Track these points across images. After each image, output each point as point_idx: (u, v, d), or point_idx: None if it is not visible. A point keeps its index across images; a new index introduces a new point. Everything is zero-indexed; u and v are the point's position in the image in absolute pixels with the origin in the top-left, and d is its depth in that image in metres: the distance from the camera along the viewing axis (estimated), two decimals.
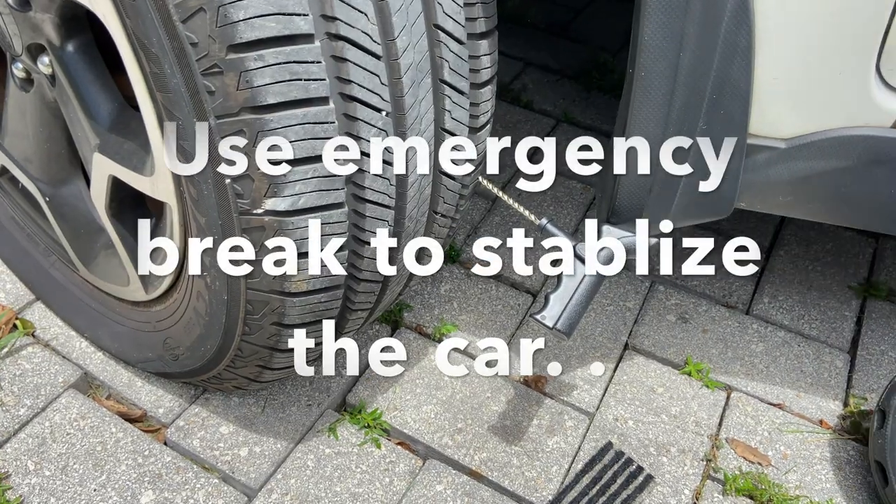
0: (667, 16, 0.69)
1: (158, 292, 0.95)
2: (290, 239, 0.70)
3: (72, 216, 1.06)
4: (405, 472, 1.00)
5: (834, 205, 0.82)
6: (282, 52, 0.61)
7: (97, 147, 0.91)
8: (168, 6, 0.60)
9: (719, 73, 0.73)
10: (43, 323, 1.15)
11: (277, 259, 0.71)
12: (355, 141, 0.68)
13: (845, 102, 0.75)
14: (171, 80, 0.64)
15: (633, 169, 0.78)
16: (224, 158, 0.66)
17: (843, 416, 1.12)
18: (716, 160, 0.77)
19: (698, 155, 0.77)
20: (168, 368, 1.00)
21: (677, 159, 0.77)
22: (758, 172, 0.80)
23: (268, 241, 0.70)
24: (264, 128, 0.63)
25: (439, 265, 0.87)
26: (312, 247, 0.72)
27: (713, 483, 1.03)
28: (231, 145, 0.65)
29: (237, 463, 0.99)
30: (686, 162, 0.77)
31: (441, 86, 0.74)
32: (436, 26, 0.70)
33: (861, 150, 0.76)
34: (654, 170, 0.78)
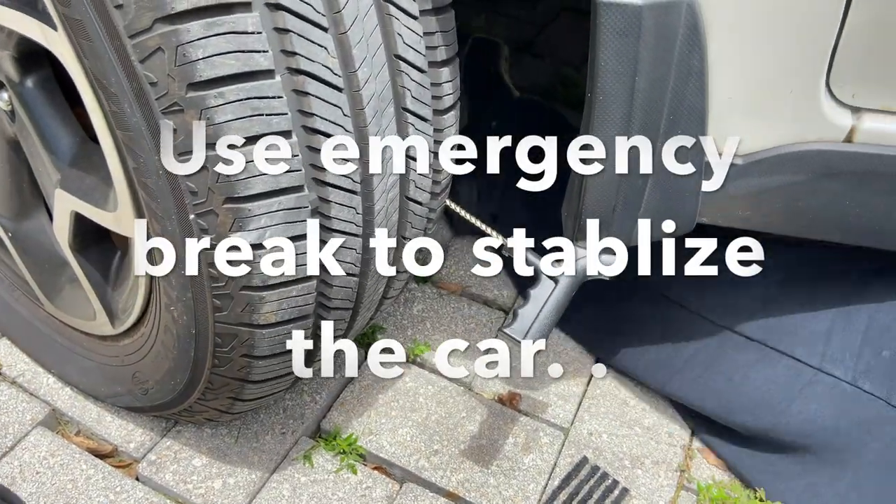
0: (621, 41, 0.70)
1: (125, 326, 0.94)
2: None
3: (35, 251, 1.04)
4: (382, 497, 1.00)
5: (790, 217, 0.84)
6: (242, 89, 0.61)
7: (58, 182, 0.90)
8: (126, 47, 0.60)
9: (675, 94, 0.74)
10: (9, 360, 1.13)
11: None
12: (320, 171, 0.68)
13: (798, 119, 0.77)
14: (130, 119, 0.64)
15: (598, 186, 0.80)
16: (188, 193, 0.65)
17: None
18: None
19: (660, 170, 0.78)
20: (138, 403, 0.99)
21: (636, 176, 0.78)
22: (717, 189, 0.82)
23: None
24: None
25: (438, 266, 0.86)
26: (280, 277, 0.71)
27: (687, 493, 1.04)
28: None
29: (211, 496, 0.98)
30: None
31: (404, 114, 0.74)
32: (396, 56, 0.71)
33: (814, 164, 0.78)
34: (619, 188, 0.80)
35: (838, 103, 0.76)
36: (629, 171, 0.78)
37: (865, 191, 0.81)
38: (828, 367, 0.98)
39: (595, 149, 0.76)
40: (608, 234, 0.84)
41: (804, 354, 1.00)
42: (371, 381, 1.14)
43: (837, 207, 0.82)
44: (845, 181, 0.80)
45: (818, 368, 0.98)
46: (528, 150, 0.79)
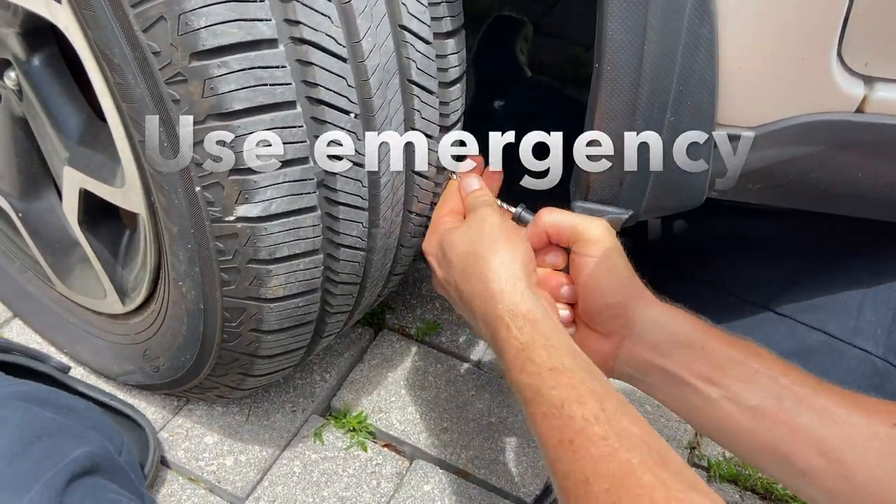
0: (629, 10, 0.69)
1: (136, 304, 0.94)
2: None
3: (45, 231, 1.05)
4: (392, 474, 1.00)
5: (801, 190, 0.83)
6: (246, 58, 0.61)
7: (67, 160, 0.90)
8: (129, 16, 0.60)
9: (684, 64, 0.73)
10: (21, 340, 1.14)
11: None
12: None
13: (809, 89, 0.76)
14: (135, 90, 0.64)
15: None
16: (193, 164, 0.65)
17: None
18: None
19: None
20: (149, 380, 1.00)
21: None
22: (727, 161, 0.81)
23: (241, 246, 0.70)
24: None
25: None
26: (286, 251, 0.72)
27: (698, 470, 1.04)
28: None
29: (223, 472, 0.99)
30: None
31: (409, 86, 0.74)
32: (401, 27, 0.70)
33: (826, 135, 0.77)
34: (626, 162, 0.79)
35: (850, 73, 0.75)
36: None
37: (877, 162, 0.79)
38: (860, 341, 0.97)
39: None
40: (616, 206, 0.84)
41: (836, 329, 0.98)
42: (380, 360, 1.15)
43: (849, 179, 0.80)
44: (857, 152, 0.78)
45: (850, 343, 0.97)
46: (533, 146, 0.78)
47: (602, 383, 0.62)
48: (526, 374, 0.64)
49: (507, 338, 0.67)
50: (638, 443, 0.56)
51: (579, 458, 0.57)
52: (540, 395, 0.62)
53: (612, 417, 0.58)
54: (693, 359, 0.71)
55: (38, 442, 0.74)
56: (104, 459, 0.78)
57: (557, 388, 0.61)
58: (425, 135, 0.78)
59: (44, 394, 0.83)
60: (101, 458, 0.77)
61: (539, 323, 0.67)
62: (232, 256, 0.71)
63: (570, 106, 1.38)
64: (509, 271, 0.70)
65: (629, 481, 0.53)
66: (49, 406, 0.81)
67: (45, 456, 0.73)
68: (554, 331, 0.67)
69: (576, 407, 0.59)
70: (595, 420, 0.58)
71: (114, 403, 0.99)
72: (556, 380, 0.62)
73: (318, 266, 0.75)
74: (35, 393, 0.82)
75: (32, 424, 0.75)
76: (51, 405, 0.81)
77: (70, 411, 0.83)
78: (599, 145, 0.76)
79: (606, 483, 0.54)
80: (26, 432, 0.74)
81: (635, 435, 0.57)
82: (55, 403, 0.82)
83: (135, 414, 0.99)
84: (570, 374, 0.62)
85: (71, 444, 0.76)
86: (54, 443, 0.75)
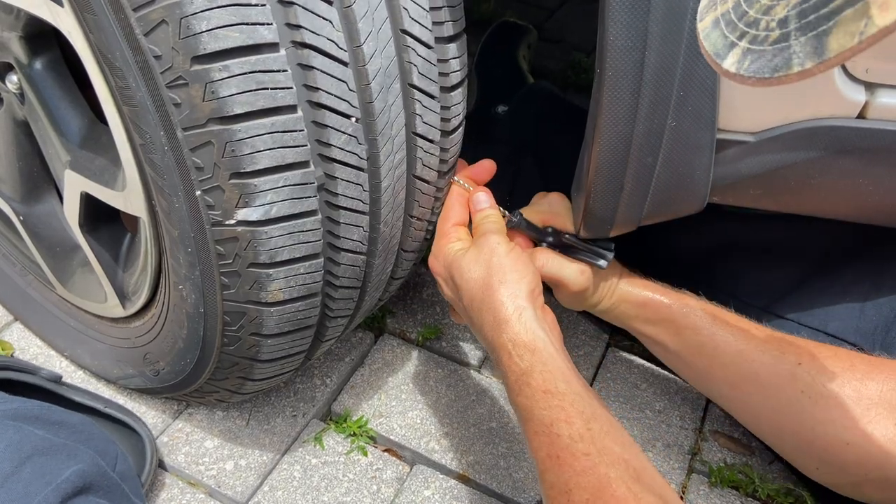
0: (630, 15, 0.69)
1: (136, 307, 0.94)
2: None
3: (47, 234, 1.05)
4: (393, 479, 1.00)
5: (802, 196, 0.82)
6: (247, 62, 0.61)
7: (68, 164, 0.90)
8: (130, 20, 0.60)
9: (685, 69, 0.73)
10: (22, 343, 1.14)
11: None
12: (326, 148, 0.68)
13: (811, 94, 0.76)
14: (136, 94, 0.64)
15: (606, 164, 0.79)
16: (194, 169, 0.65)
17: None
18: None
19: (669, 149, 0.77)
20: (150, 384, 0.99)
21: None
22: (728, 166, 0.81)
23: (241, 251, 0.70)
24: (232, 138, 0.63)
25: None
26: (287, 255, 0.71)
27: (699, 476, 1.03)
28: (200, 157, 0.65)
29: (223, 477, 0.98)
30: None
31: (410, 90, 0.74)
32: (402, 31, 0.71)
33: (827, 141, 0.77)
34: (627, 165, 0.79)
35: (851, 78, 0.75)
36: (638, 149, 0.77)
37: (878, 168, 0.79)
38: (861, 341, 0.98)
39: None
40: (615, 215, 0.84)
41: (838, 329, 0.99)
42: (381, 364, 1.15)
43: (851, 185, 0.80)
44: (858, 158, 0.78)
45: (853, 343, 0.98)
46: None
47: (591, 405, 0.70)
48: (523, 397, 0.72)
49: (510, 364, 0.74)
50: (617, 460, 0.64)
51: (564, 471, 0.65)
52: (533, 414, 0.70)
53: (596, 437, 0.66)
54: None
55: (28, 462, 0.72)
56: (97, 477, 0.77)
57: (549, 409, 0.69)
58: (426, 139, 0.78)
59: (35, 411, 0.81)
60: (93, 476, 0.76)
61: (539, 351, 0.74)
62: (232, 260, 0.71)
63: (572, 111, 1.38)
64: (515, 302, 0.77)
65: (606, 493, 0.62)
66: (40, 423, 0.79)
67: (37, 476, 0.71)
68: (552, 357, 0.74)
69: (563, 426, 0.67)
70: (580, 438, 0.66)
71: (109, 411, 0.97)
72: (548, 402, 0.70)
73: (319, 270, 0.75)
74: (26, 410, 0.80)
75: (22, 444, 0.73)
76: (42, 422, 0.80)
77: (62, 427, 0.82)
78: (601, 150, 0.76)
79: (587, 494, 0.63)
80: (16, 453, 0.72)
81: (616, 453, 0.65)
82: (46, 420, 0.81)
83: (131, 420, 0.97)
84: (562, 396, 0.70)
85: (63, 463, 0.74)
86: (46, 462, 0.73)
